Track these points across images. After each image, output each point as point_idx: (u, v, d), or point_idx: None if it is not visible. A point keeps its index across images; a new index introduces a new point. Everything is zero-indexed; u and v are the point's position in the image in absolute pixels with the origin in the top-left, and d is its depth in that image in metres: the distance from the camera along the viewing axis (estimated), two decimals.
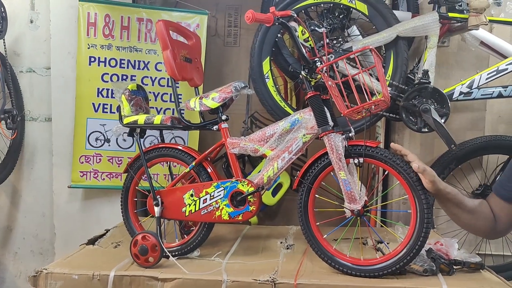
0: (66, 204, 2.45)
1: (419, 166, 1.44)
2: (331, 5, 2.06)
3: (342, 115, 1.52)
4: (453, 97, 2.05)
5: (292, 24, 1.59)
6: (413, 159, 1.47)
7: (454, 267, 1.57)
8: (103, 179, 2.37)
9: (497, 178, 2.29)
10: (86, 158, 2.34)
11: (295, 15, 1.60)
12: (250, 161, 2.41)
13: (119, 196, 1.89)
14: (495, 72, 2.03)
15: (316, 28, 1.87)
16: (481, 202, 1.54)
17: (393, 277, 1.50)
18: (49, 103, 2.46)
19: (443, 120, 1.97)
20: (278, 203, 2.41)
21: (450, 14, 1.99)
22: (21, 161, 2.56)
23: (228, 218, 1.65)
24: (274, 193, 2.38)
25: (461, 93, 2.05)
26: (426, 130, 2.00)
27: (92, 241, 1.89)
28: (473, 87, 2.04)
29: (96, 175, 2.36)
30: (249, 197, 1.64)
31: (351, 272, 1.53)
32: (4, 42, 2.38)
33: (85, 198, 2.45)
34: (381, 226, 2.14)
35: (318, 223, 1.61)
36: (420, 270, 1.53)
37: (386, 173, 1.57)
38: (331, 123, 1.57)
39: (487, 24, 1.96)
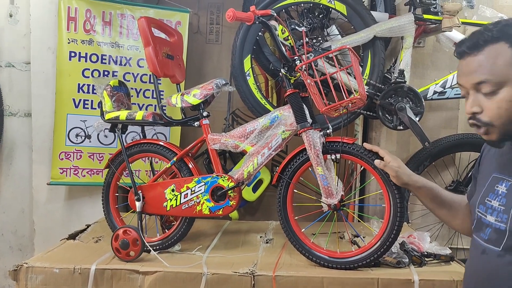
0: (46, 200, 2.43)
1: (381, 162, 1.47)
2: (311, 5, 2.11)
3: (320, 112, 1.57)
4: (428, 96, 2.12)
5: (273, 23, 1.63)
6: (383, 154, 1.51)
7: (426, 259, 1.64)
8: (84, 175, 2.36)
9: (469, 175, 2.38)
10: (66, 155, 2.33)
11: (275, 14, 1.63)
12: (231, 158, 2.44)
13: (100, 192, 1.90)
14: None
15: (296, 27, 1.90)
16: (461, 199, 1.46)
17: (367, 269, 1.56)
18: (29, 98, 2.44)
19: (417, 118, 2.04)
20: (259, 199, 2.45)
21: (425, 16, 2.05)
22: (0, 157, 2.53)
23: (208, 213, 1.69)
24: (254, 189, 2.42)
25: (435, 92, 2.12)
26: (402, 128, 2.06)
27: (73, 236, 1.90)
28: (446, 87, 2.12)
29: (77, 171, 2.36)
30: (229, 192, 1.67)
31: (327, 264, 1.58)
32: None
33: (66, 195, 2.44)
34: (358, 220, 2.20)
35: (296, 217, 1.66)
36: (393, 262, 1.59)
37: (362, 168, 1.62)
38: (309, 120, 1.61)
39: (459, 26, 2.03)
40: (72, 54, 2.29)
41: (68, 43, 2.28)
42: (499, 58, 1.02)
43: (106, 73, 2.33)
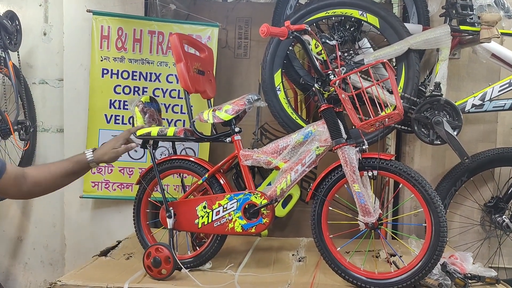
0: (77, 215, 2.46)
1: None
2: (342, 18, 2.08)
3: (354, 127, 1.52)
4: (465, 110, 2.04)
5: (306, 37, 1.60)
6: None
7: (470, 281, 1.56)
8: (114, 189, 2.38)
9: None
10: (98, 169, 2.35)
11: (309, 29, 1.61)
12: (260, 172, 2.40)
13: (130, 206, 1.89)
14: (507, 85, 2.03)
15: (327, 41, 1.88)
16: None
17: None
18: (61, 115, 2.48)
19: (455, 133, 1.96)
20: (288, 215, 2.40)
21: (462, 27, 1.99)
22: None
23: (241, 230, 1.65)
24: (284, 205, 2.37)
25: (473, 105, 2.04)
26: (439, 142, 1.99)
27: (104, 253, 1.89)
28: (485, 100, 2.04)
29: (107, 185, 2.37)
30: (262, 209, 1.64)
31: (365, 285, 1.52)
32: (18, 54, 2.41)
33: (96, 209, 2.46)
34: (393, 237, 2.13)
35: (331, 236, 1.60)
36: (435, 285, 1.52)
37: (400, 186, 1.56)
38: (344, 135, 1.57)
39: (499, 37, 1.95)
40: (105, 71, 2.32)
41: (101, 60, 2.32)
42: None
43: (136, 89, 2.35)
